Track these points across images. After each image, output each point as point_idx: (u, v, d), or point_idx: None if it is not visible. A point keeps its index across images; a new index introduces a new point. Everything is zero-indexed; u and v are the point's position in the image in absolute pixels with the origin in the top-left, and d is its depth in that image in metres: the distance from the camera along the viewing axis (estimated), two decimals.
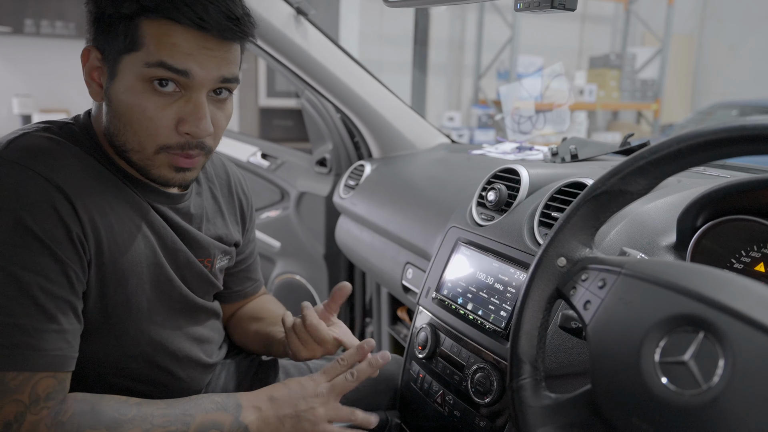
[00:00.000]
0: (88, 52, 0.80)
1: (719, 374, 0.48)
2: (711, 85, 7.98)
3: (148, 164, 0.81)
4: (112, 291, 0.81)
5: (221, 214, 1.02)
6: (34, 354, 0.70)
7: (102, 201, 0.79)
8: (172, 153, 0.80)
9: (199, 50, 0.76)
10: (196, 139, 0.80)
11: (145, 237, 0.85)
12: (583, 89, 7.14)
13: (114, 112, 0.79)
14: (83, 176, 0.78)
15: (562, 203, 1.00)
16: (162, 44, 0.75)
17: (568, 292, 0.65)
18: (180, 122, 0.78)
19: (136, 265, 0.84)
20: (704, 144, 0.56)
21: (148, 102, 0.77)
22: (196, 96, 0.78)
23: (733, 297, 0.50)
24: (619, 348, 0.56)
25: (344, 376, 0.90)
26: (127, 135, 0.79)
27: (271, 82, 5.91)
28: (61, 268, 0.73)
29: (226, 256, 1.03)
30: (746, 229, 0.77)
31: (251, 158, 2.27)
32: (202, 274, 0.96)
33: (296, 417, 0.85)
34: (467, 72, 7.60)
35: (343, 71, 1.60)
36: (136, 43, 0.75)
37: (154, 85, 0.76)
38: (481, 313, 1.02)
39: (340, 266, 2.04)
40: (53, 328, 0.72)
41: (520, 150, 1.57)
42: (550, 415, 0.63)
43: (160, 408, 0.79)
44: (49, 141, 0.78)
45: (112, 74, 0.78)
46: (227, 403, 0.83)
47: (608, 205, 0.65)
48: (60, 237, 0.73)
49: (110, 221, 0.80)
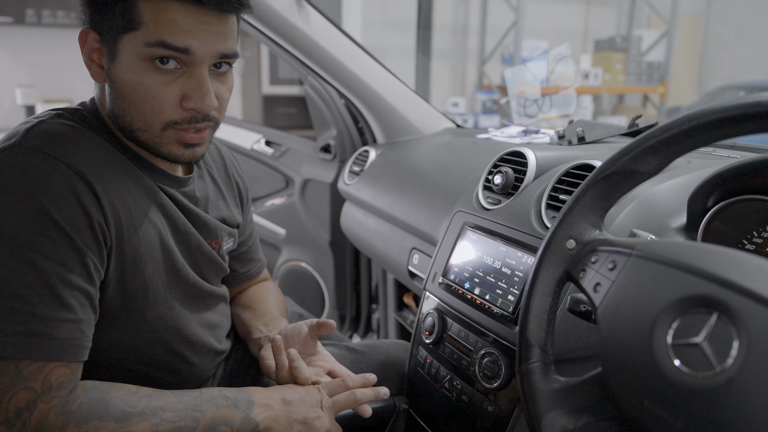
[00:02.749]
0: (85, 34, 0.79)
1: (733, 356, 0.47)
2: (718, 67, 7.89)
3: (156, 142, 0.82)
4: (131, 276, 0.82)
5: (222, 197, 1.04)
6: (50, 343, 0.71)
7: (120, 185, 0.80)
8: (179, 129, 0.81)
9: (198, 25, 0.76)
10: (202, 113, 0.81)
11: (158, 221, 0.86)
12: (589, 73, 7.07)
13: (117, 92, 0.79)
14: (102, 161, 0.78)
15: (569, 185, 0.99)
16: (160, 22, 0.74)
17: (578, 275, 0.64)
18: (184, 98, 0.79)
19: (152, 250, 0.84)
20: (717, 121, 0.55)
21: (151, 80, 0.77)
22: (198, 72, 0.78)
23: (747, 277, 0.49)
24: (630, 330, 0.55)
25: (347, 395, 0.93)
26: (132, 114, 0.80)
27: (274, 70, 5.87)
28: (80, 257, 0.73)
29: (231, 238, 1.04)
30: (758, 209, 0.76)
31: (255, 145, 2.26)
32: (212, 257, 0.97)
33: (304, 423, 0.86)
34: (471, 57, 7.54)
35: (347, 56, 1.58)
36: (135, 22, 0.75)
37: (156, 63, 0.76)
38: (489, 297, 1.01)
39: (346, 253, 2.03)
40: (69, 318, 0.72)
41: (526, 133, 1.55)
42: (559, 399, 0.62)
43: (170, 401, 0.79)
44: (66, 127, 0.78)
45: (112, 55, 0.78)
46: (239, 399, 0.83)
47: (618, 185, 0.64)
48: (81, 225, 0.73)
49: (128, 206, 0.80)
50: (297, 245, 2.18)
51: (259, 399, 0.85)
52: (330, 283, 2.07)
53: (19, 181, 0.71)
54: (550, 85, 1.58)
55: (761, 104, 0.52)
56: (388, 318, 1.86)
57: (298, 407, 0.86)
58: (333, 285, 2.06)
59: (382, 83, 1.68)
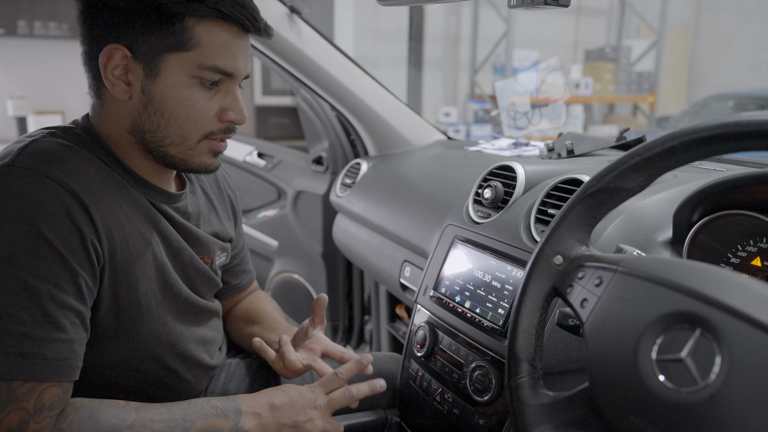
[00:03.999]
0: (112, 50, 0.78)
1: (716, 371, 0.48)
2: (706, 76, 7.97)
3: (189, 154, 0.85)
4: (124, 293, 0.82)
5: (215, 211, 1.04)
6: (42, 363, 0.71)
7: (113, 204, 0.80)
8: (213, 139, 0.86)
9: (241, 49, 0.83)
10: (236, 124, 0.87)
11: (152, 238, 0.86)
12: (579, 82, 7.13)
13: (156, 108, 0.81)
14: (95, 179, 0.78)
15: (558, 200, 1.00)
16: (215, 46, 0.80)
17: (565, 290, 0.65)
18: (222, 112, 0.85)
19: (145, 266, 0.85)
20: (699, 140, 0.56)
21: (198, 96, 0.82)
22: (233, 88, 0.85)
23: (729, 294, 0.50)
24: (616, 346, 0.55)
25: (342, 392, 0.92)
26: (170, 129, 0.82)
27: (266, 80, 5.88)
28: (73, 277, 0.73)
29: (223, 253, 1.04)
30: (742, 223, 0.77)
31: (247, 157, 2.26)
32: (205, 272, 0.97)
33: (295, 427, 0.87)
34: (463, 67, 7.58)
35: (338, 69, 1.60)
36: (186, 43, 0.78)
37: (201, 81, 0.81)
38: (479, 310, 1.02)
39: (338, 265, 2.04)
40: (61, 338, 0.72)
41: (516, 146, 1.57)
42: (548, 413, 0.63)
43: (159, 413, 0.79)
44: (59, 146, 0.78)
45: (152, 72, 0.79)
46: (227, 408, 0.84)
47: (604, 202, 0.65)
48: (74, 244, 0.73)
49: (122, 224, 0.81)
50: (289, 257, 2.18)
51: (247, 407, 0.85)
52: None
53: (13, 201, 0.71)
54: (540, 97, 1.60)
55: (741, 124, 0.53)
56: (380, 329, 1.87)
57: (287, 411, 0.87)
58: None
59: (374, 96, 1.70)
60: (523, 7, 0.81)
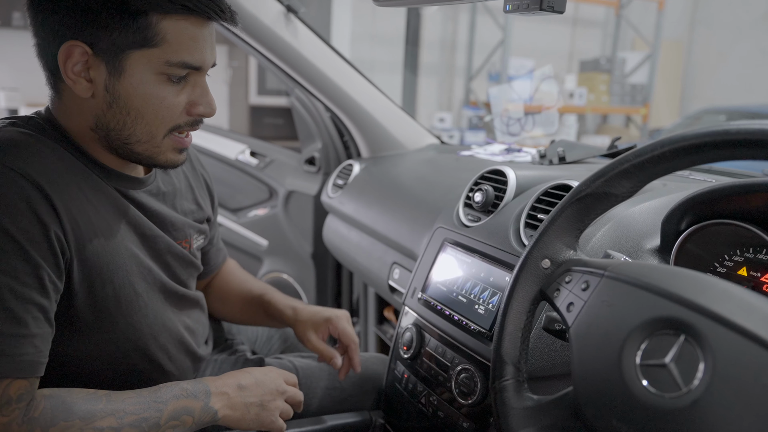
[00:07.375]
0: (71, 48, 0.75)
1: (699, 377, 0.48)
2: (699, 90, 8.03)
3: (155, 152, 0.84)
4: (99, 286, 0.81)
5: (191, 189, 1.03)
6: (2, 360, 0.69)
7: (79, 194, 0.78)
8: (177, 135, 0.84)
9: (207, 39, 0.81)
10: (207, 117, 0.86)
11: (123, 227, 0.84)
12: (573, 92, 7.17)
13: (121, 106, 0.79)
14: (58, 169, 0.76)
15: (548, 205, 1.00)
16: (182, 41, 0.77)
17: (552, 294, 0.65)
18: (191, 106, 0.83)
19: (119, 257, 0.83)
20: (688, 148, 0.56)
21: (166, 92, 0.80)
22: (201, 80, 0.83)
23: (713, 300, 0.50)
24: (600, 350, 0.56)
25: (296, 390, 0.96)
26: (136, 127, 0.80)
27: (261, 80, 5.88)
28: (34, 270, 0.71)
29: (201, 235, 1.03)
30: (730, 233, 0.78)
31: (240, 156, 2.26)
32: (183, 256, 0.96)
33: (260, 406, 0.89)
34: (458, 73, 7.60)
35: (333, 70, 1.60)
36: (152, 40, 0.76)
37: (169, 77, 0.79)
38: (466, 313, 1.02)
39: (328, 265, 2.03)
40: (21, 333, 0.70)
41: (509, 152, 1.57)
42: (531, 417, 0.63)
43: (129, 397, 0.79)
44: (20, 134, 0.77)
45: (116, 70, 0.77)
46: (196, 390, 0.85)
47: (593, 207, 0.65)
48: (36, 236, 0.71)
49: (88, 214, 0.79)
50: (279, 256, 2.17)
51: (215, 388, 0.86)
52: (311, 295, 2.06)
53: None
54: (533, 104, 1.60)
55: (730, 132, 0.53)
56: (368, 332, 1.86)
57: (254, 390, 0.89)
58: (314, 297, 2.06)
59: (368, 98, 1.70)
60: (519, 12, 0.81)
